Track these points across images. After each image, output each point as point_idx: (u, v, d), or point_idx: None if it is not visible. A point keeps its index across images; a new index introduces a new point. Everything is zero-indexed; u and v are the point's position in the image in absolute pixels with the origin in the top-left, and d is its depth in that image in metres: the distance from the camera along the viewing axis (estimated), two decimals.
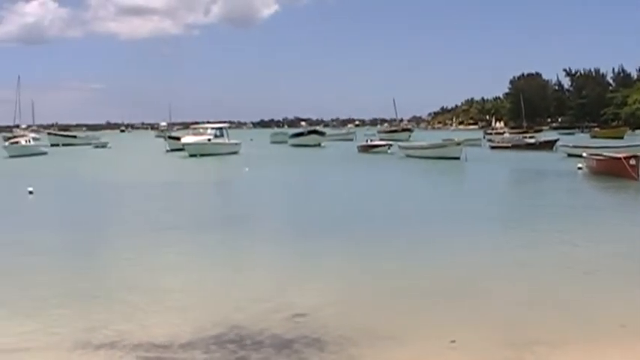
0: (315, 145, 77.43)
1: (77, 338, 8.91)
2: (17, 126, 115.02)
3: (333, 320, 9.55)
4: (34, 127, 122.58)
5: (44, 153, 72.13)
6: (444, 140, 53.42)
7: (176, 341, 8.66)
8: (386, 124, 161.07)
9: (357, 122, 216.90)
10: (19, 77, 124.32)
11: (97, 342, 8.75)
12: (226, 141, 64.07)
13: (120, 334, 8.98)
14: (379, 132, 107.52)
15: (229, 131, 70.73)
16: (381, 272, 12.88)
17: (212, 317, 9.69)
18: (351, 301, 10.92)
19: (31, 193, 28.29)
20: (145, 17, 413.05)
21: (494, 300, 10.70)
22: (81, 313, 10.17)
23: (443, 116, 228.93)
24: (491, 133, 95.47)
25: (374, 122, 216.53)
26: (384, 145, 62.56)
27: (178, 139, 66.78)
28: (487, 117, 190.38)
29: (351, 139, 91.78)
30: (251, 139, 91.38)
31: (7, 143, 71.85)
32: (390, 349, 8.39)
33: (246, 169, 42.11)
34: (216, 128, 64.95)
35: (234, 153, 62.23)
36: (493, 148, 64.78)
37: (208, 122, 71.58)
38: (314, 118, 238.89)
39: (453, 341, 8.45)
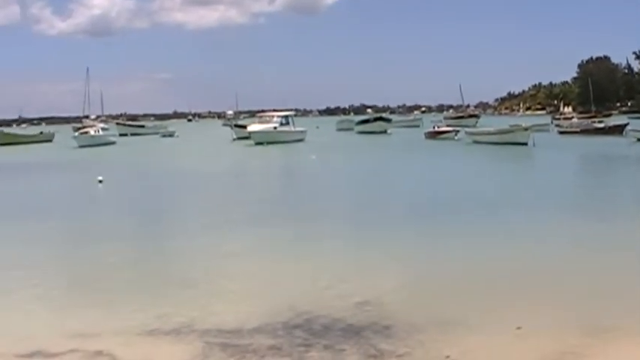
0: (381, 132, 77.06)
1: (147, 324, 9.08)
2: (87, 116, 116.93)
3: (401, 307, 9.57)
4: (103, 118, 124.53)
5: (113, 143, 73.17)
6: (511, 126, 52.72)
7: (244, 327, 8.76)
8: (452, 110, 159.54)
9: (423, 109, 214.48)
10: (87, 69, 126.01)
11: (167, 327, 8.91)
12: (292, 129, 64.18)
13: (189, 320, 9.12)
14: (445, 118, 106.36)
15: (295, 119, 70.82)
16: (448, 259, 12.85)
17: (280, 304, 9.75)
18: (418, 288, 10.90)
19: (100, 182, 28.88)
20: (211, 7, 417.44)
21: (565, 288, 10.57)
22: (150, 299, 10.36)
23: (510, 102, 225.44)
24: (559, 119, 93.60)
25: (440, 108, 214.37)
26: (451, 132, 61.94)
27: (245, 127, 66.94)
28: (555, 102, 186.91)
29: (418, 126, 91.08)
30: (317, 127, 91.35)
31: (76, 134, 73.05)
32: (459, 335, 8.36)
33: (313, 156, 42.14)
34: (282, 116, 65.01)
35: (300, 140, 62.34)
36: (561, 133, 63.68)
37: (275, 110, 71.57)
38: (380, 104, 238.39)
39: (519, 328, 8.40)
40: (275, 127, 61.04)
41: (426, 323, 8.79)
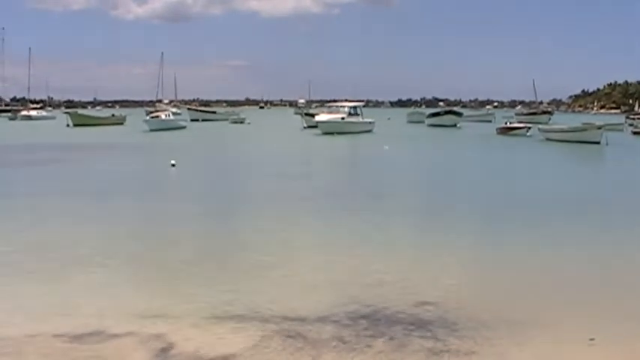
0: (451, 126, 76.52)
1: (213, 308, 9.09)
2: (160, 101, 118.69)
3: (468, 304, 9.40)
4: (176, 103, 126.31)
5: (183, 127, 74.01)
6: (584, 124, 51.70)
7: (308, 316, 8.70)
8: (519, 107, 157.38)
9: (495, 104, 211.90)
10: (162, 54, 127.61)
11: (232, 312, 8.91)
12: (360, 119, 64.01)
13: (252, 307, 9.11)
14: (517, 114, 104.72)
15: (367, 110, 70.62)
16: (519, 258, 12.59)
17: (344, 295, 9.67)
18: (486, 286, 10.73)
19: (173, 165, 29.24)
20: None
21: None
22: (217, 284, 10.35)
23: (584, 99, 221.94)
24: (633, 118, 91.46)
25: (512, 104, 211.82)
26: (522, 128, 61.06)
27: (315, 116, 67.16)
28: (630, 101, 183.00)
29: (490, 121, 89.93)
30: (388, 118, 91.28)
31: (148, 117, 74.07)
32: (528, 337, 8.16)
33: (386, 147, 41.94)
34: (351, 107, 64.80)
35: (368, 132, 62.14)
36: (635, 133, 62.11)
37: (346, 100, 71.38)
38: (452, 98, 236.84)
39: (592, 339, 8.09)
40: (343, 118, 60.86)
41: (493, 321, 8.60)
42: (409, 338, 7.96)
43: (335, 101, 73.22)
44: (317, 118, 63.14)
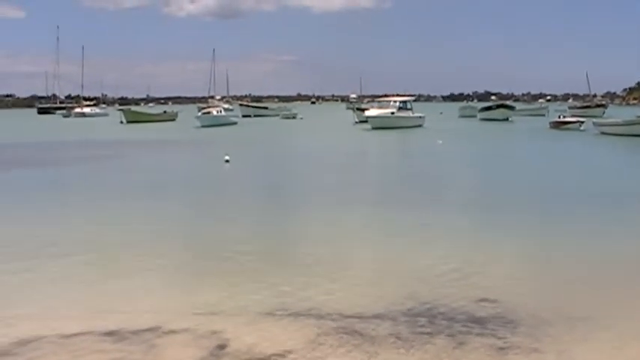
0: (503, 120, 75.74)
1: (268, 304, 9.06)
2: (212, 97, 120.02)
3: (526, 300, 9.22)
4: (228, 98, 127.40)
5: (234, 123, 74.64)
6: (639, 117, 50.69)
7: (364, 313, 8.60)
8: (570, 100, 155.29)
9: (548, 97, 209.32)
10: (213, 50, 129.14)
11: (288, 309, 8.86)
12: (410, 114, 63.71)
13: (309, 304, 9.06)
14: (570, 107, 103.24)
15: (419, 104, 70.31)
16: (577, 254, 12.34)
17: (401, 291, 9.57)
18: (544, 282, 10.54)
19: (227, 161, 29.42)
20: None
21: None
22: (270, 281, 10.31)
23: (639, 92, 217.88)
24: None
25: (565, 97, 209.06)
26: (575, 122, 60.13)
27: (365, 111, 67.07)
28: None
29: (543, 115, 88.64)
30: (440, 113, 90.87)
31: (199, 113, 74.80)
32: (589, 330, 8.05)
33: (440, 141, 41.64)
34: (401, 101, 64.54)
35: (418, 126, 61.85)
36: None
37: (397, 95, 71.10)
38: (504, 92, 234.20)
39: None
40: (392, 112, 60.63)
41: (554, 318, 8.42)
42: (469, 335, 7.83)
43: (386, 96, 72.93)
44: (367, 113, 63.11)
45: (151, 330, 8.14)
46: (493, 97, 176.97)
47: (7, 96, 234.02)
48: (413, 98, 73.51)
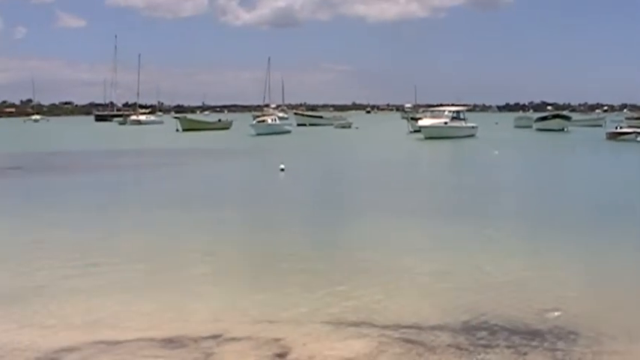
0: (559, 130, 74.88)
1: (328, 313, 9.12)
2: (267, 105, 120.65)
3: (586, 313, 9.16)
4: (283, 107, 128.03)
5: (288, 132, 75.08)
6: None
7: (423, 324, 8.61)
8: (626, 110, 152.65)
9: (605, 107, 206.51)
10: (269, 59, 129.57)
11: (348, 318, 8.90)
12: (463, 124, 63.45)
13: (368, 313, 9.09)
14: (627, 118, 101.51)
15: (474, 114, 69.90)
16: (636, 267, 12.29)
17: (460, 302, 9.60)
18: (604, 295, 10.47)
19: (282, 170, 29.64)
20: (392, 0, 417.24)
21: None
22: (328, 290, 10.36)
23: None
24: None
25: (623, 107, 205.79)
26: (631, 133, 59.19)
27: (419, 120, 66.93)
28: None
29: (600, 125, 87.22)
30: (496, 123, 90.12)
31: (254, 122, 75.47)
32: None
33: (496, 152, 41.36)
34: (454, 111, 64.35)
35: (471, 136, 61.52)
36: None
37: (452, 104, 70.86)
38: (560, 102, 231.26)
39: None
40: (445, 122, 60.46)
41: (614, 332, 8.36)
42: (528, 347, 7.81)
43: (441, 105, 72.71)
44: (420, 122, 62.97)
45: (210, 338, 8.23)
46: (549, 108, 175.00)
47: (66, 103, 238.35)
48: (466, 108, 73.21)
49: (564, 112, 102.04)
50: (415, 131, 64.65)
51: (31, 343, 8.11)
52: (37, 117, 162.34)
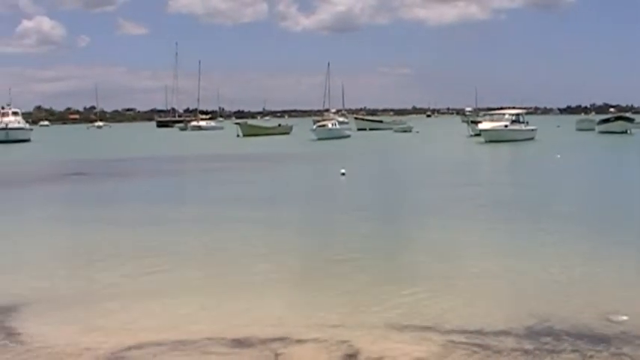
0: (622, 132, 73.47)
1: (392, 317, 9.19)
2: (327, 110, 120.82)
3: None
4: (343, 112, 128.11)
5: (348, 136, 75.34)
6: None
7: (486, 328, 8.62)
8: None
9: None
10: (328, 64, 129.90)
11: (412, 322, 8.96)
12: (523, 127, 62.87)
13: (432, 317, 9.14)
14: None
15: (535, 117, 69.21)
16: None
17: (524, 306, 9.59)
18: None
19: (343, 174, 29.76)
20: (451, 3, 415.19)
21: None
22: (392, 293, 10.42)
23: None
24: None
25: None
26: None
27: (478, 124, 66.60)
28: None
29: None
30: (558, 126, 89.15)
31: (314, 126, 75.95)
32: None
33: (558, 156, 40.91)
34: (514, 114, 63.84)
35: (530, 139, 60.94)
36: None
37: (513, 107, 70.39)
38: (623, 104, 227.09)
39: None
40: (506, 126, 60.06)
41: None
42: (593, 352, 7.79)
43: (502, 109, 72.19)
44: (480, 126, 62.70)
45: (277, 339, 8.33)
46: (612, 110, 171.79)
47: (129, 110, 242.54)
48: (526, 111, 72.50)
49: (627, 114, 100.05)
50: (475, 135, 64.27)
51: (100, 343, 8.36)
52: (101, 123, 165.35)
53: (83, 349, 8.20)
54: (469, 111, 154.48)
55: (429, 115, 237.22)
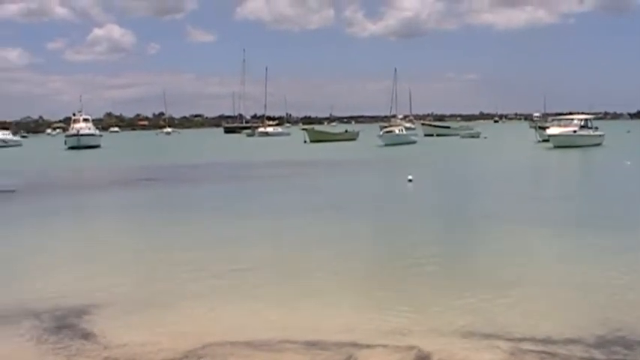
0: None
1: (457, 324, 9.24)
2: (394, 116, 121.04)
3: None
4: (410, 117, 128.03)
5: (414, 142, 75.17)
6: None
7: (555, 337, 8.60)
8: None
9: None
10: (395, 69, 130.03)
11: (479, 329, 9.00)
12: (590, 132, 62.04)
13: (498, 324, 9.16)
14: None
15: (604, 122, 68.15)
16: None
17: (592, 315, 9.56)
18: None
19: (410, 181, 29.82)
20: (519, 7, 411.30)
21: None
22: (459, 301, 10.47)
23: None
24: None
25: None
26: None
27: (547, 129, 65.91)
28: None
29: None
30: (628, 131, 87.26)
31: (381, 132, 76.14)
32: None
33: (628, 162, 40.20)
34: (582, 119, 63.11)
35: (598, 145, 60.10)
36: None
37: (582, 113, 69.48)
38: None
39: None
40: (574, 131, 59.35)
41: None
42: None
43: (571, 114, 71.29)
44: (548, 131, 62.13)
45: (348, 344, 8.44)
46: None
47: (197, 116, 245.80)
48: (595, 116, 71.51)
49: None
50: (543, 140, 63.57)
51: (175, 344, 8.62)
52: (169, 130, 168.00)
53: (159, 349, 8.46)
54: (537, 116, 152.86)
55: (496, 121, 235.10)
